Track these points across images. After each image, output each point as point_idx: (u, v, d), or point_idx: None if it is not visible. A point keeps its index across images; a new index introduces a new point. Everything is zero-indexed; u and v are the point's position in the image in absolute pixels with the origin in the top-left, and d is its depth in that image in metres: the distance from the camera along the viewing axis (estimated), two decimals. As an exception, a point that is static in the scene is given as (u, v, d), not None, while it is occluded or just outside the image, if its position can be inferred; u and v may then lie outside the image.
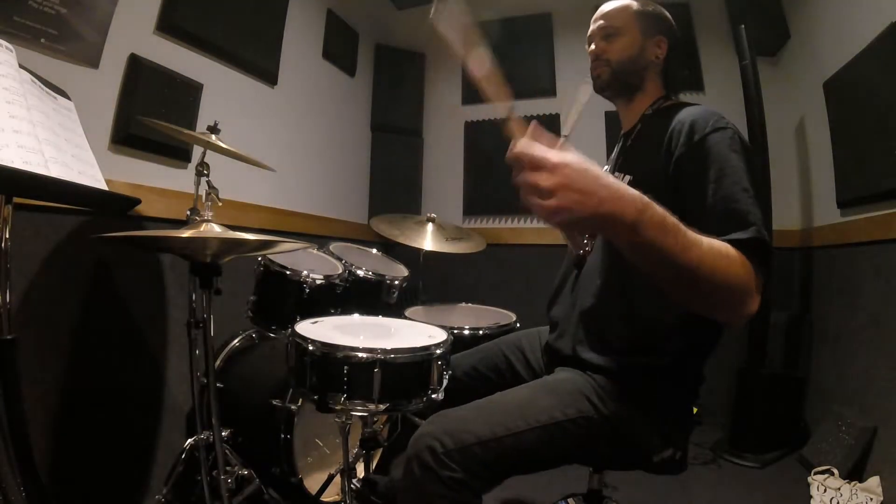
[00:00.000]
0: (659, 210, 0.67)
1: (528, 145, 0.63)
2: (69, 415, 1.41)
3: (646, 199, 0.66)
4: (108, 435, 1.52)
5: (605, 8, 1.10)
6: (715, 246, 0.73)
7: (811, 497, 1.72)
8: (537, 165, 0.62)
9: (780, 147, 2.51)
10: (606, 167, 1.14)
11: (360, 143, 3.14)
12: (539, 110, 3.03)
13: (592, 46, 1.10)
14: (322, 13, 2.64)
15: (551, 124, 2.98)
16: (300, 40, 2.44)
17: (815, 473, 1.80)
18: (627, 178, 1.01)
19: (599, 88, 1.10)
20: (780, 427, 2.19)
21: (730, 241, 0.75)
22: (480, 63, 0.76)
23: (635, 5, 1.08)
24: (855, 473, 1.75)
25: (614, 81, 1.08)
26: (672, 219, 0.68)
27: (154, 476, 1.65)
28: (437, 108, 3.35)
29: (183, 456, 1.44)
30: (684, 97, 1.14)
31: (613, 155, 1.19)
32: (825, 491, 1.70)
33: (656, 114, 1.05)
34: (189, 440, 1.44)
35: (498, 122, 0.72)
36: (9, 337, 0.92)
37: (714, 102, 2.68)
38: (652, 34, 1.06)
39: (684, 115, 0.94)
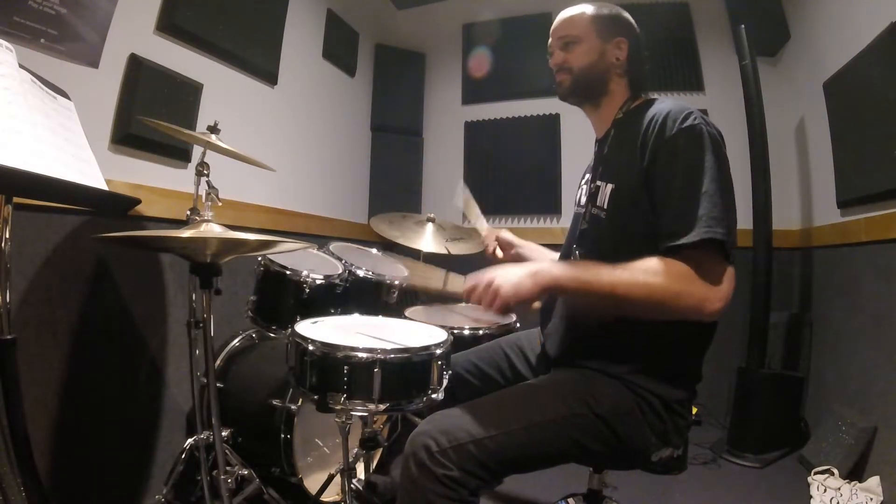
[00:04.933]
0: (569, 272, 0.89)
1: (470, 281, 0.92)
2: (69, 415, 1.41)
3: (553, 266, 0.90)
4: (108, 435, 1.52)
5: (561, 17, 1.11)
6: (628, 275, 0.84)
7: (811, 497, 1.72)
8: (480, 283, 0.90)
9: (780, 147, 2.52)
10: (587, 176, 1.16)
11: (360, 143, 3.14)
12: (539, 110, 3.04)
13: (553, 58, 1.11)
14: (322, 13, 2.64)
15: (551, 124, 2.99)
16: (300, 40, 2.44)
17: (815, 473, 1.80)
18: (610, 186, 1.01)
19: (563, 96, 1.12)
20: (780, 427, 2.19)
21: (667, 250, 0.85)
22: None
23: (591, 10, 1.08)
24: (855, 473, 1.75)
25: (577, 88, 1.09)
26: (585, 273, 0.87)
27: (154, 476, 1.65)
28: (437, 108, 3.36)
29: (183, 456, 1.44)
30: (684, 97, 1.16)
31: (591, 164, 1.19)
32: (825, 491, 1.70)
33: (627, 116, 1.06)
34: (189, 440, 1.44)
35: (498, 122, 0.78)
36: (9, 337, 0.92)
37: (714, 102, 2.70)
38: (611, 37, 1.06)
39: (656, 111, 0.95)
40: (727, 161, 0.90)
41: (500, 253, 1.40)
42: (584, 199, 1.13)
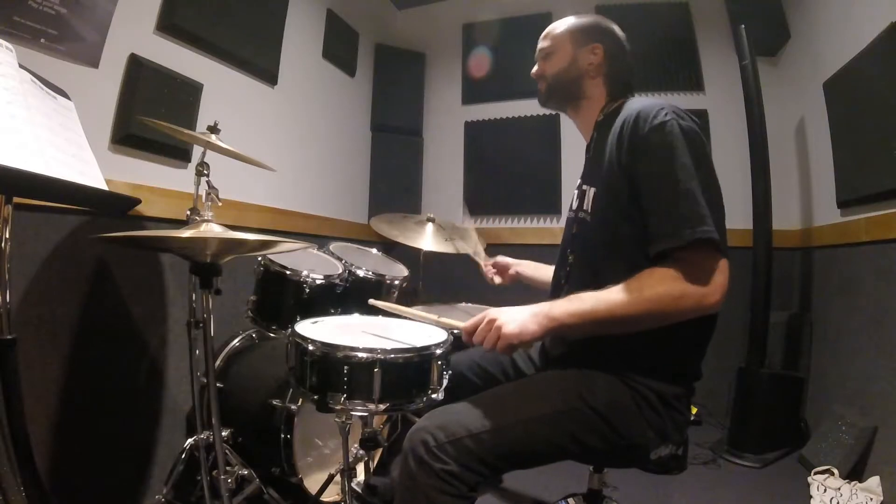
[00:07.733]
0: (567, 308, 0.88)
1: (469, 325, 0.92)
2: (69, 415, 1.41)
3: (552, 307, 0.88)
4: (108, 434, 1.52)
5: (544, 32, 1.18)
6: (624, 295, 0.84)
7: (811, 497, 1.72)
8: (479, 323, 0.90)
9: (780, 147, 2.52)
10: (579, 181, 1.18)
11: (360, 143, 3.14)
12: (539, 110, 3.01)
13: (533, 70, 1.19)
14: (322, 13, 2.64)
15: (551, 124, 2.99)
16: (300, 40, 2.44)
17: (815, 473, 1.80)
18: (593, 190, 1.03)
19: (542, 102, 1.21)
20: (780, 427, 2.19)
21: (657, 254, 0.86)
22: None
23: (569, 23, 1.14)
24: (855, 473, 1.75)
25: (552, 93, 1.16)
26: (582, 305, 0.87)
27: (154, 476, 1.65)
28: (437, 108, 3.36)
29: (183, 456, 1.44)
30: (684, 97, 1.16)
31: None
32: (825, 491, 1.70)
33: (606, 119, 1.08)
34: (189, 440, 1.44)
35: (498, 122, 0.78)
36: (9, 337, 0.92)
37: (714, 102, 2.70)
38: (585, 44, 1.10)
39: (629, 112, 0.96)
40: (705, 152, 0.89)
41: (498, 280, 1.46)
42: (575, 204, 1.15)
